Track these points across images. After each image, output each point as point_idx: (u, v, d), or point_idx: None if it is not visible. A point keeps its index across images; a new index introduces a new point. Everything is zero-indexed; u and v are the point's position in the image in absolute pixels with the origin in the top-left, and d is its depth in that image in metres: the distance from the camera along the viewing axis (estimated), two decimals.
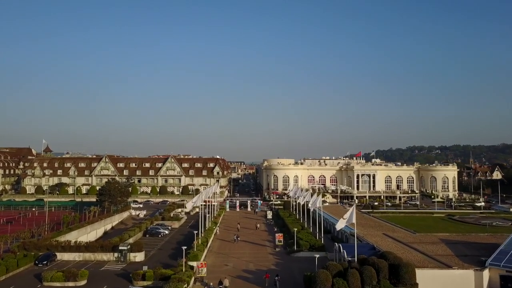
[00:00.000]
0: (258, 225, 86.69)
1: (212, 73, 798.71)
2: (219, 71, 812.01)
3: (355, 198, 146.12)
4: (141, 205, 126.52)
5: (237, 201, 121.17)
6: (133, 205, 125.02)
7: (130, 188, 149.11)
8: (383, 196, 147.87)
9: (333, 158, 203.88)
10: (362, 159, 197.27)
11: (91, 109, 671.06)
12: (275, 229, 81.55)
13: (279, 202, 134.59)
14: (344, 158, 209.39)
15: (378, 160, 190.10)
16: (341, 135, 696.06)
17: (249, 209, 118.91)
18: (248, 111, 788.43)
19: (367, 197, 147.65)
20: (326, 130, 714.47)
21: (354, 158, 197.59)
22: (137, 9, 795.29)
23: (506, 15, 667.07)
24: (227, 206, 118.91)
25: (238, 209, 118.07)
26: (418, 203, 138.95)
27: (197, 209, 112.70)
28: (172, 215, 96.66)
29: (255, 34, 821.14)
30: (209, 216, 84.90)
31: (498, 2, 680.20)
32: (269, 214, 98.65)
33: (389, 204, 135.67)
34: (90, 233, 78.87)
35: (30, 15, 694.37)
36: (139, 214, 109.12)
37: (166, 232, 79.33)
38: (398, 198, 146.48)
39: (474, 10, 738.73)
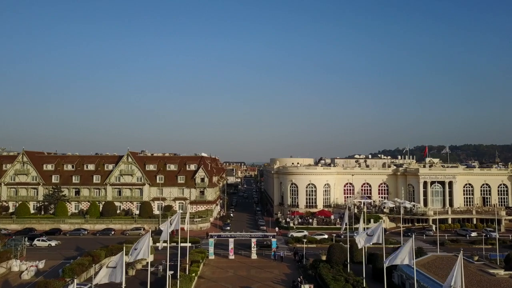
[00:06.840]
0: None
1: (209, 67, 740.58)
2: (216, 63, 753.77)
3: (430, 222, 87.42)
4: (52, 243, 67.81)
5: (231, 239, 61.36)
6: (37, 243, 67.43)
7: (55, 204, 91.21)
8: (475, 218, 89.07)
9: (370, 156, 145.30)
10: (411, 158, 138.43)
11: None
12: None
13: (306, 231, 76.88)
14: (385, 157, 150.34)
15: (435, 160, 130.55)
16: (344, 135, 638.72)
17: (254, 255, 60.18)
18: (247, 109, 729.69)
19: (450, 221, 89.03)
20: (328, 130, 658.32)
21: (405, 156, 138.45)
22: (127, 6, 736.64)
23: None
24: (211, 249, 60.14)
25: (232, 255, 59.65)
26: None
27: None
28: None
29: (262, 29, 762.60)
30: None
31: None
32: None
33: (496, 234, 76.97)
34: None
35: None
36: (25, 270, 50.66)
37: None
38: (503, 221, 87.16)
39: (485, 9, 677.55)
